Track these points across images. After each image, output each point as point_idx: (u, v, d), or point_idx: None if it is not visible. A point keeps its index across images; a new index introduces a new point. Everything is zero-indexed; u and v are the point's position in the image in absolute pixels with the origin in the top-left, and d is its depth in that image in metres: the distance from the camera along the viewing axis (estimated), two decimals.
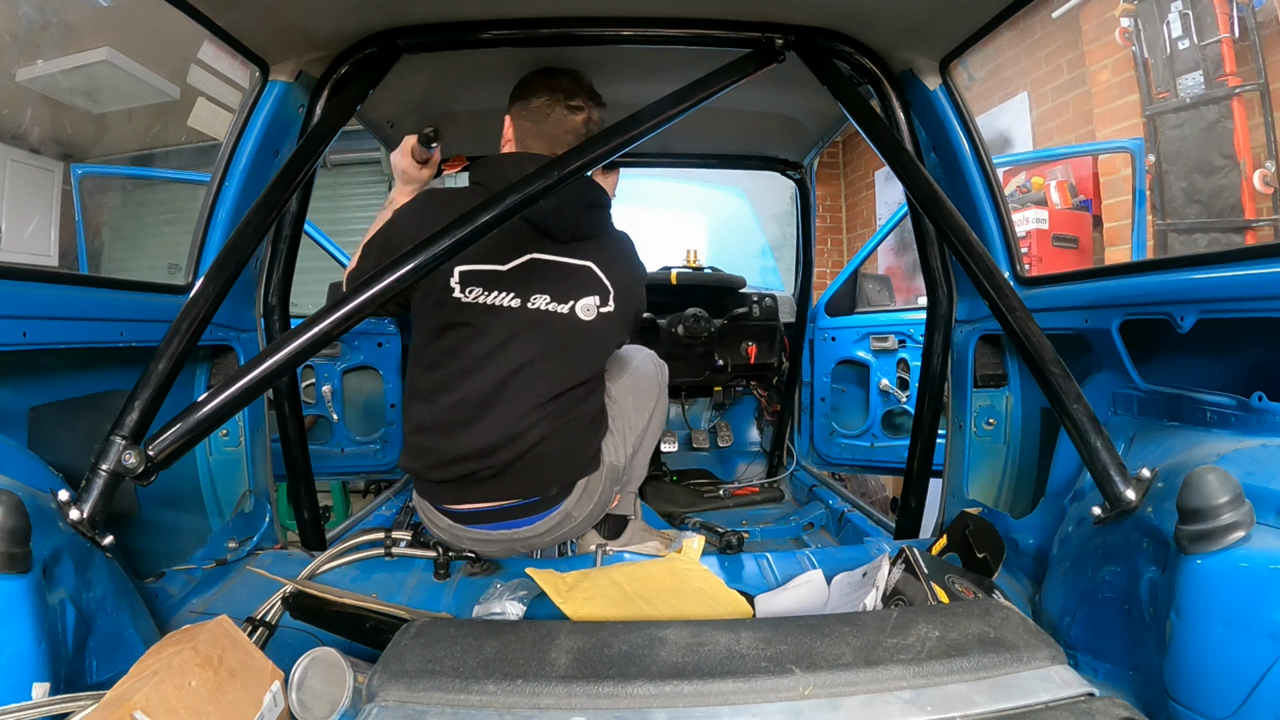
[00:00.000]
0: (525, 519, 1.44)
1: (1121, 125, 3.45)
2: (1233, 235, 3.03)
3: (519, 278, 1.40)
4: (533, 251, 1.41)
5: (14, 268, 1.06)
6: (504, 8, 1.39)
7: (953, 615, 0.88)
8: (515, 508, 1.43)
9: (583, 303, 1.43)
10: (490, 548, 1.48)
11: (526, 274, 1.40)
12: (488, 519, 1.43)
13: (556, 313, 1.41)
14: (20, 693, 0.73)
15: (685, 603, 1.24)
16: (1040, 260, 3.58)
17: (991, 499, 1.64)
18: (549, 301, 1.41)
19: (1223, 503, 0.80)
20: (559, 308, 1.42)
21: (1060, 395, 1.06)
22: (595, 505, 1.51)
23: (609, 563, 1.45)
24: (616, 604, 1.22)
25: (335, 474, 2.79)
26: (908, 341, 2.52)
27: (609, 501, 1.58)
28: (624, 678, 0.77)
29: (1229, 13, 2.98)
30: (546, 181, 1.22)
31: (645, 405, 1.64)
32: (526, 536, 1.47)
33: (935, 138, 1.55)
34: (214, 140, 1.61)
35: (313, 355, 1.33)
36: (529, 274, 1.40)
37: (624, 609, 1.20)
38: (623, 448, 1.56)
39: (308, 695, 0.86)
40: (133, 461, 0.95)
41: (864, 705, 0.75)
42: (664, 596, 1.25)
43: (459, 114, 2.05)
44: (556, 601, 1.20)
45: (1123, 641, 0.95)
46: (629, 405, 1.60)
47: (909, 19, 1.37)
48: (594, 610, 1.19)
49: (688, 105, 1.31)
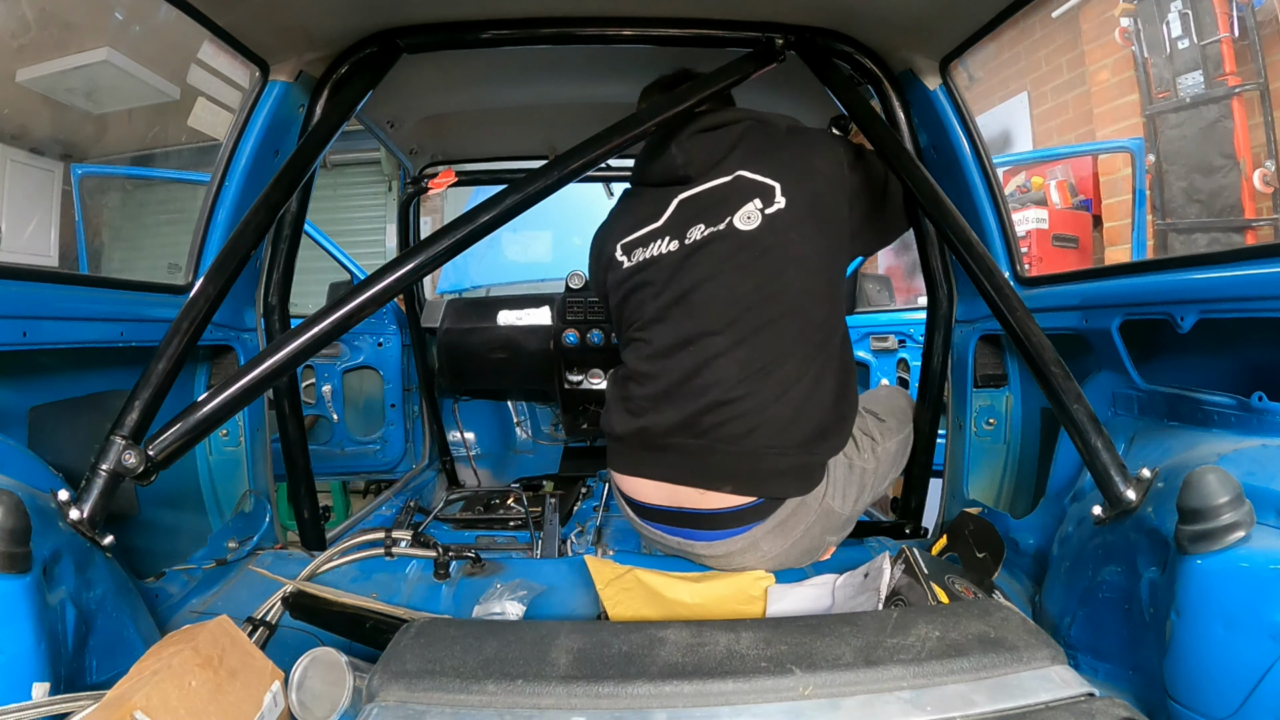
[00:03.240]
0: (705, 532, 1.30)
1: (1121, 125, 3.45)
2: (1233, 235, 3.03)
3: (676, 223, 1.34)
4: (682, 190, 1.35)
5: (14, 268, 1.06)
6: (504, 8, 1.39)
7: (953, 615, 0.88)
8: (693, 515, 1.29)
9: (741, 211, 1.29)
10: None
11: (681, 215, 1.34)
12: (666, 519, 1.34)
13: (715, 233, 1.30)
14: (20, 693, 0.73)
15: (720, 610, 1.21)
16: (1040, 260, 3.58)
17: (991, 499, 1.64)
18: (704, 229, 1.31)
19: (1223, 503, 0.80)
20: (716, 228, 1.30)
21: (1060, 395, 1.06)
22: (792, 547, 1.31)
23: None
24: (654, 603, 1.21)
25: (335, 474, 2.79)
26: (908, 341, 2.52)
27: (816, 550, 1.36)
28: (624, 678, 0.77)
29: (1229, 12, 2.98)
30: (546, 181, 1.22)
31: (890, 480, 1.45)
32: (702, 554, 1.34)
33: (935, 138, 1.55)
34: (214, 140, 1.61)
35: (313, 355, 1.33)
36: (684, 214, 1.34)
37: (660, 608, 1.20)
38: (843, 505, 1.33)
39: (308, 695, 0.86)
40: (133, 461, 0.96)
41: (864, 705, 0.75)
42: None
43: (459, 114, 2.05)
44: (599, 588, 1.19)
45: (1123, 641, 0.95)
46: (884, 471, 1.41)
47: (909, 19, 1.37)
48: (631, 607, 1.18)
49: (688, 105, 1.31)
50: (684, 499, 1.30)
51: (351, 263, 2.80)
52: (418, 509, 2.20)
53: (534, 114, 2.03)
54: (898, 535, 1.70)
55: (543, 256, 3.69)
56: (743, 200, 1.30)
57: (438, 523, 2.16)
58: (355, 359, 2.55)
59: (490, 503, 2.28)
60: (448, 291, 3.59)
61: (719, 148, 1.34)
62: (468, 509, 2.26)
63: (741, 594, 1.23)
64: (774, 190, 1.29)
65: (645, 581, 1.24)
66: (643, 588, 1.23)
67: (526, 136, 2.25)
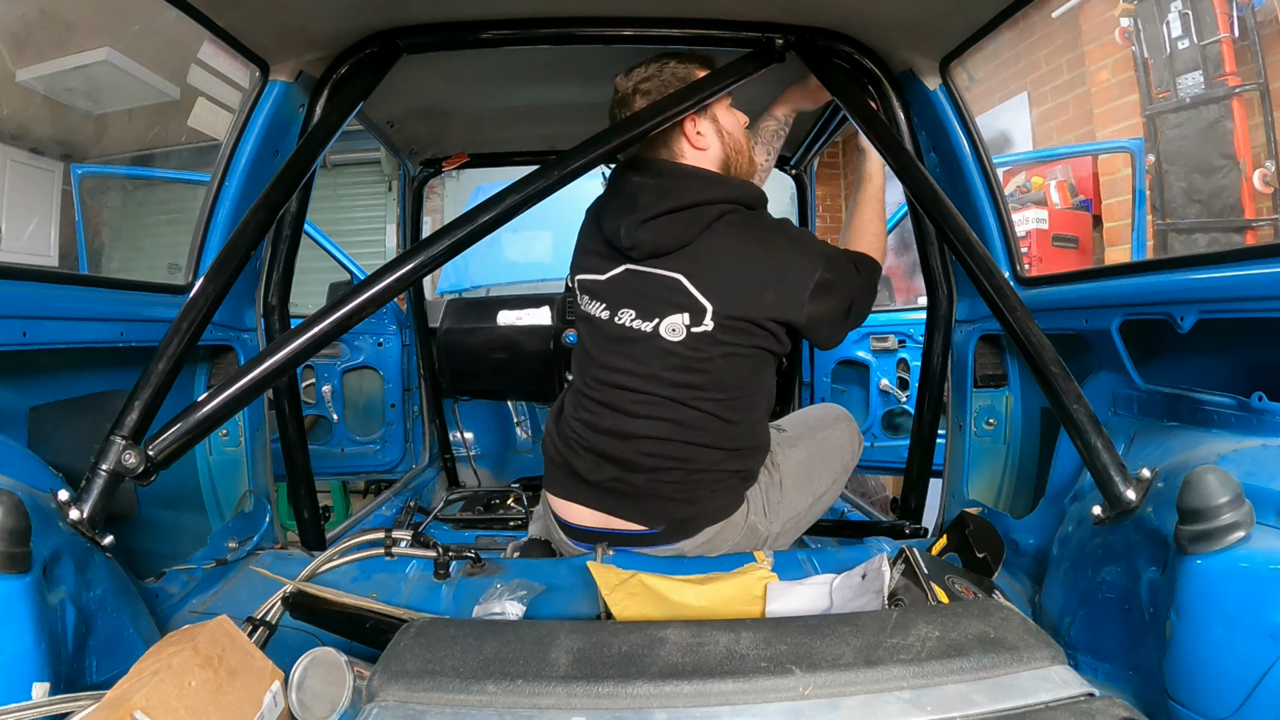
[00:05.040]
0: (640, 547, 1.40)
1: (1121, 125, 3.45)
2: (1233, 235, 3.03)
3: (614, 289, 1.35)
4: (628, 262, 1.34)
5: (14, 268, 1.06)
6: (504, 8, 1.39)
7: (953, 615, 0.88)
8: (629, 535, 1.38)
9: (669, 321, 1.29)
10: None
11: (621, 287, 1.34)
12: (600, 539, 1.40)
13: (640, 332, 1.32)
14: (20, 693, 0.73)
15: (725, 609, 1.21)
16: (1040, 260, 3.58)
17: (991, 499, 1.64)
18: (633, 319, 1.32)
19: (1223, 503, 0.80)
20: (643, 328, 1.31)
21: (1060, 395, 1.06)
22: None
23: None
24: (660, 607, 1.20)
25: (335, 474, 2.79)
26: (908, 341, 2.52)
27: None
28: (624, 678, 0.77)
29: (1229, 12, 2.98)
30: (547, 181, 1.22)
31: (812, 488, 1.47)
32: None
33: (935, 138, 1.55)
34: (214, 140, 1.61)
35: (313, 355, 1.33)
36: (623, 286, 1.34)
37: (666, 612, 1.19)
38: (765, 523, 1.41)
39: (308, 695, 0.86)
40: (133, 461, 0.95)
41: (864, 705, 0.75)
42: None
43: (459, 114, 2.05)
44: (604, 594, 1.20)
45: (1123, 641, 0.95)
46: (791, 482, 1.44)
47: (909, 19, 1.37)
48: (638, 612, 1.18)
49: (688, 105, 1.31)
50: (613, 523, 1.40)
51: (351, 263, 2.80)
52: (418, 509, 2.20)
53: (534, 114, 2.03)
54: (897, 535, 1.69)
55: (543, 256, 3.69)
56: (673, 309, 1.29)
57: (438, 523, 2.16)
58: (355, 359, 2.55)
59: (490, 503, 2.28)
60: (448, 291, 3.60)
61: (671, 237, 1.29)
62: (468, 509, 2.27)
63: (746, 594, 1.24)
64: (705, 312, 1.27)
65: (650, 585, 1.24)
66: (648, 592, 1.23)
67: (527, 136, 2.25)
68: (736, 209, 1.32)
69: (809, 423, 1.58)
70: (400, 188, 2.62)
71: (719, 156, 1.39)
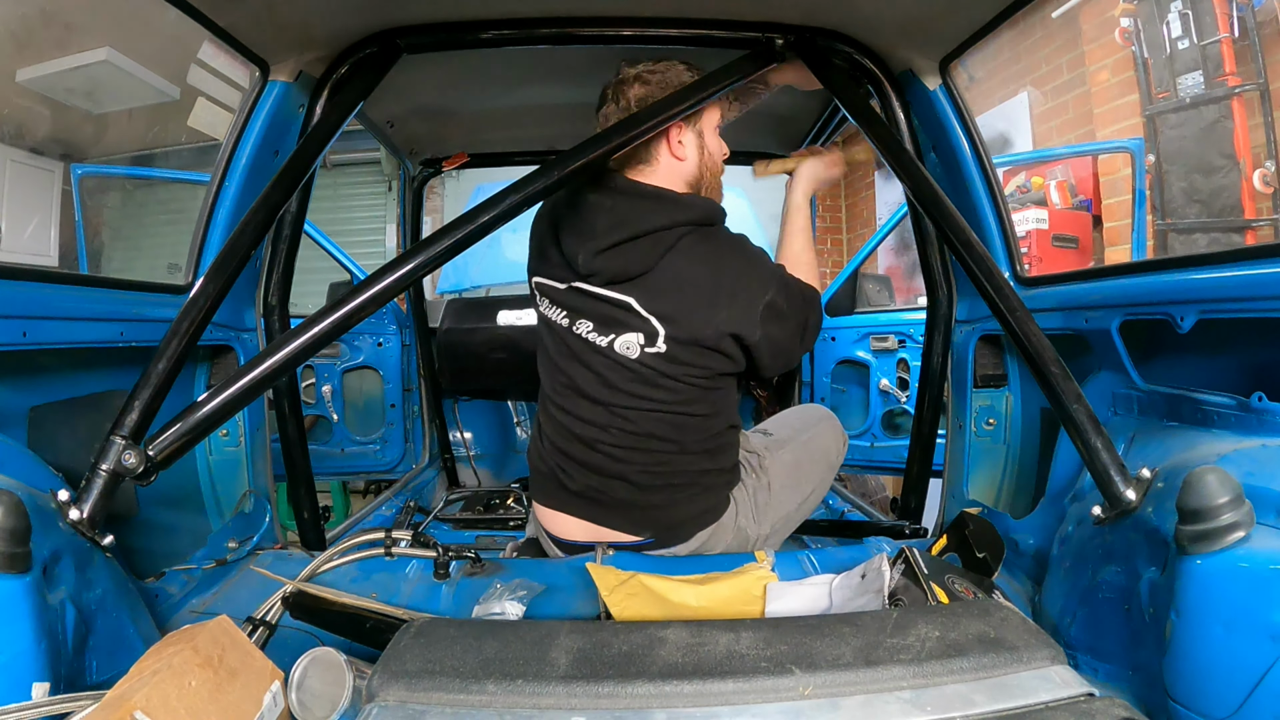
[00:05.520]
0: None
1: (1121, 125, 3.44)
2: (1233, 235, 3.03)
3: (572, 299, 1.36)
4: (575, 280, 1.34)
5: (14, 268, 1.06)
6: (504, 8, 1.39)
7: (953, 615, 0.88)
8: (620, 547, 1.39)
9: (623, 339, 1.30)
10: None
11: (575, 301, 1.35)
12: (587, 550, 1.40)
13: (596, 346, 1.32)
14: (20, 693, 0.73)
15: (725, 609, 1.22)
16: (1040, 260, 3.58)
17: (991, 499, 1.64)
18: (589, 330, 1.33)
19: (1223, 503, 0.80)
20: (599, 342, 1.32)
21: (1060, 395, 1.06)
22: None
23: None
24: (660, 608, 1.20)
25: (335, 474, 2.79)
26: (908, 341, 2.52)
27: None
28: (624, 678, 0.77)
29: (1229, 13, 2.98)
30: (547, 181, 1.22)
31: (800, 489, 1.48)
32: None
33: (935, 138, 1.55)
34: (214, 140, 1.61)
35: (313, 355, 1.33)
36: (578, 301, 1.35)
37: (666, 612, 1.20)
38: (754, 526, 1.42)
39: (308, 695, 0.86)
40: (133, 461, 0.95)
41: (864, 705, 0.75)
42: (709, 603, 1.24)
43: (459, 114, 2.05)
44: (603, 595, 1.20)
45: (1123, 642, 0.95)
46: (780, 484, 1.45)
47: (909, 19, 1.37)
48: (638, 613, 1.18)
49: (688, 105, 1.31)
50: (602, 534, 1.41)
51: (351, 263, 2.80)
52: (418, 509, 2.20)
53: (534, 114, 2.03)
54: (897, 535, 1.70)
55: None
56: (626, 329, 1.30)
57: (438, 523, 2.17)
58: (355, 359, 2.55)
59: (490, 503, 2.28)
60: (448, 291, 3.59)
61: (631, 263, 1.28)
62: (468, 509, 2.27)
63: (746, 594, 1.24)
64: (658, 335, 1.28)
65: (650, 586, 1.24)
66: (647, 592, 1.23)
67: (527, 136, 2.25)
68: (694, 229, 1.31)
69: (794, 424, 1.59)
70: (400, 188, 2.62)
71: (692, 173, 1.36)
